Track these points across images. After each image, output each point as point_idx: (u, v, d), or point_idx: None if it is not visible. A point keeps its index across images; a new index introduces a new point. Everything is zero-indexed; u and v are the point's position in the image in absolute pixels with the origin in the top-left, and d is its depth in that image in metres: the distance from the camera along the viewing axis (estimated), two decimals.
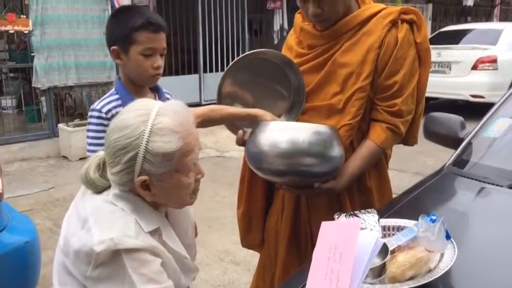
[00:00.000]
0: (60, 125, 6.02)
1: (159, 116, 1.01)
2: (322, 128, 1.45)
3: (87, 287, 1.01)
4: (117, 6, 6.49)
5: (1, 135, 6.18)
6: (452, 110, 2.08)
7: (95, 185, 1.08)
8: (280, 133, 1.43)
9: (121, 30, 1.52)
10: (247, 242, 1.91)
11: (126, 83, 1.61)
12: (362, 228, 1.17)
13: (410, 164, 5.21)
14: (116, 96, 1.58)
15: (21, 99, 6.68)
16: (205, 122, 1.48)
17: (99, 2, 6.34)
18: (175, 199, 1.09)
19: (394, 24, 1.54)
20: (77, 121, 6.17)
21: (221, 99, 1.65)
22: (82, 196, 1.10)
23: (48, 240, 3.45)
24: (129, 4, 6.59)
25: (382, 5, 1.62)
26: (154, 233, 1.06)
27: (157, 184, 1.03)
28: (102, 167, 1.09)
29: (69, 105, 7.42)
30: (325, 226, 0.94)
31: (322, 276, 0.84)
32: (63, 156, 5.91)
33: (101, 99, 1.59)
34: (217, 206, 4.18)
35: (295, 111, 1.69)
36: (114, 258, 0.97)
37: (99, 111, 1.54)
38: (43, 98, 6.41)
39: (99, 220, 1.01)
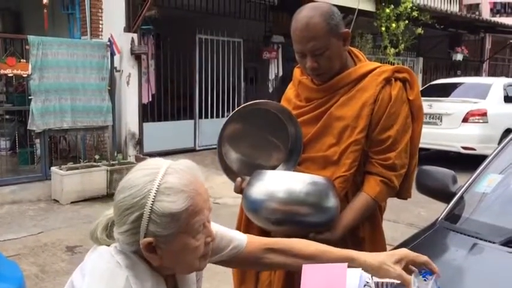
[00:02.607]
0: (53, 168, 6.00)
1: (166, 176, 0.98)
2: (318, 178, 1.47)
3: None
4: (116, 53, 6.65)
5: None
6: (443, 161, 2.11)
7: (100, 243, 1.06)
8: (278, 182, 1.45)
9: None
10: None
11: None
12: None
13: (404, 215, 5.20)
14: None
15: (16, 141, 6.68)
16: (276, 252, 1.22)
17: (99, 49, 6.48)
18: (182, 263, 1.03)
19: (388, 81, 1.62)
20: (70, 164, 6.16)
21: (221, 145, 1.67)
22: (93, 247, 1.08)
23: (34, 287, 3.36)
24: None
25: (376, 63, 1.70)
26: None
27: (164, 247, 0.98)
28: (110, 227, 1.07)
29: (63, 148, 7.43)
30: (308, 270, 0.92)
31: None
32: (54, 200, 5.85)
33: None
34: None
35: (293, 161, 1.72)
36: None
37: None
38: (37, 140, 6.42)
39: (93, 269, 1.00)
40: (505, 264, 1.41)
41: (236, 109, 1.65)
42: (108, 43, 6.57)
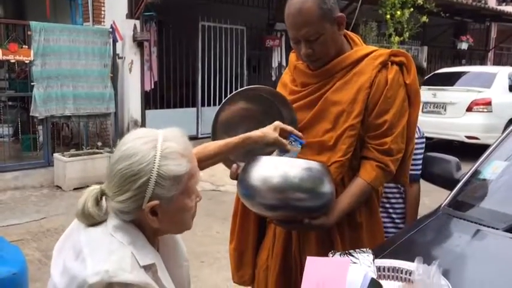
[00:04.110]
0: (56, 155, 6.01)
1: (166, 142, 1.06)
2: (313, 164, 1.46)
3: None
4: (119, 40, 6.62)
5: None
6: (447, 150, 2.10)
7: (92, 218, 1.07)
8: (272, 168, 1.43)
9: None
10: (238, 277, 1.89)
11: None
12: None
13: None
14: None
15: (19, 127, 6.68)
16: (201, 162, 1.41)
17: (101, 36, 6.45)
18: (179, 223, 1.12)
19: (384, 65, 1.59)
20: (72, 151, 6.17)
21: (216, 131, 1.66)
22: (77, 228, 1.09)
23: (36, 272, 3.38)
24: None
25: (373, 47, 1.67)
26: (149, 269, 1.05)
27: (166, 208, 1.06)
28: (99, 200, 1.08)
29: (66, 134, 7.43)
30: (312, 262, 0.92)
31: None
32: (57, 186, 5.87)
33: None
34: (209, 241, 4.12)
35: None
36: None
37: None
38: (40, 127, 6.42)
39: (94, 251, 1.01)
40: (507, 250, 1.40)
41: (229, 95, 1.63)
42: (111, 30, 6.53)
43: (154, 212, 1.05)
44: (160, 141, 1.06)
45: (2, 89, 7.33)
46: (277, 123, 1.51)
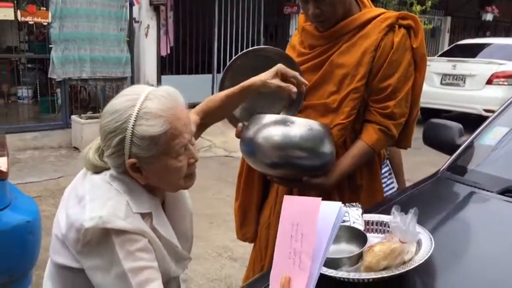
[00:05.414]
0: (73, 117, 6.14)
1: (146, 101, 1.04)
2: (314, 124, 1.48)
3: (78, 260, 1.05)
4: (135, 4, 6.61)
5: (16, 123, 6.31)
6: (464, 123, 2.06)
7: (94, 165, 1.12)
8: (273, 126, 1.47)
9: None
10: (241, 234, 1.94)
11: None
12: (344, 221, 1.20)
13: (417, 174, 5.19)
14: None
15: (37, 89, 6.82)
16: (207, 117, 1.42)
17: None
18: (167, 182, 1.12)
19: (391, 28, 1.58)
20: (89, 113, 6.28)
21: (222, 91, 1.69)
22: (83, 176, 1.14)
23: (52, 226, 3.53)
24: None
25: (381, 9, 1.66)
26: (147, 217, 1.09)
27: (147, 167, 1.06)
28: (101, 150, 1.12)
29: (84, 98, 7.56)
30: (287, 201, 0.97)
31: (287, 255, 0.87)
32: (74, 147, 6.02)
33: None
34: (219, 204, 4.22)
35: (294, 108, 1.72)
36: (103, 236, 1.01)
37: None
38: (58, 90, 6.54)
39: (93, 198, 1.05)
40: (499, 212, 1.44)
41: (235, 56, 1.65)
42: None
43: (137, 168, 1.06)
44: (141, 100, 1.04)
45: (21, 51, 7.44)
46: (279, 66, 1.42)
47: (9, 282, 2.01)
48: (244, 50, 1.69)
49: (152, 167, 1.06)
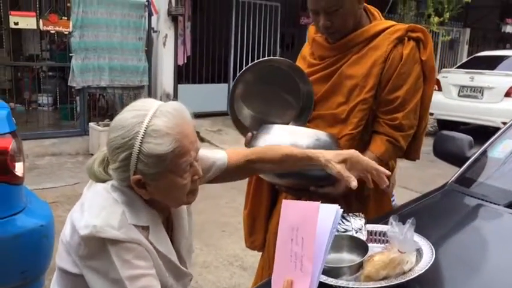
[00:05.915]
0: (91, 124, 6.25)
1: (154, 118, 1.03)
2: (322, 134, 1.51)
3: (78, 265, 1.06)
4: (154, 14, 6.74)
5: (35, 130, 6.45)
6: (482, 136, 2.05)
7: (97, 177, 1.13)
8: (281, 136, 1.49)
9: None
10: (250, 242, 1.96)
11: None
12: (347, 231, 1.21)
13: (431, 187, 5.13)
14: None
15: (57, 97, 6.97)
16: (257, 162, 1.34)
17: (137, 9, 6.58)
18: (171, 198, 1.11)
19: (400, 40, 1.60)
20: (107, 121, 6.38)
21: (233, 102, 1.72)
22: (89, 185, 1.16)
23: None
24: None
25: (391, 22, 1.68)
26: (143, 230, 1.07)
27: (152, 183, 1.05)
28: (106, 161, 1.13)
29: (102, 105, 7.69)
30: (286, 205, 0.98)
31: (288, 259, 0.89)
32: (91, 154, 6.08)
33: None
34: (232, 212, 4.24)
35: (303, 118, 1.75)
36: (100, 244, 1.01)
37: None
38: (77, 97, 6.68)
39: (91, 205, 1.07)
40: (505, 224, 1.44)
41: (247, 66, 1.68)
42: (146, 3, 6.65)
43: (141, 184, 1.05)
44: (149, 117, 1.03)
45: (43, 59, 7.63)
46: (352, 153, 1.31)
47: (22, 285, 2.05)
48: (255, 61, 1.72)
49: (157, 184, 1.06)
